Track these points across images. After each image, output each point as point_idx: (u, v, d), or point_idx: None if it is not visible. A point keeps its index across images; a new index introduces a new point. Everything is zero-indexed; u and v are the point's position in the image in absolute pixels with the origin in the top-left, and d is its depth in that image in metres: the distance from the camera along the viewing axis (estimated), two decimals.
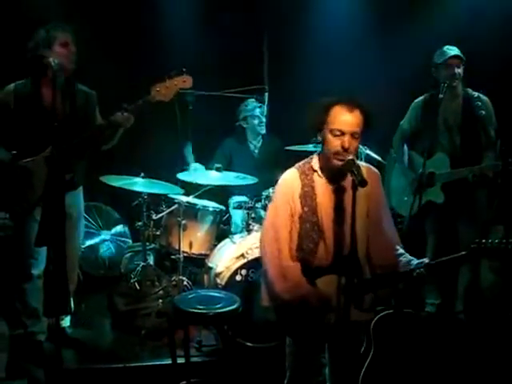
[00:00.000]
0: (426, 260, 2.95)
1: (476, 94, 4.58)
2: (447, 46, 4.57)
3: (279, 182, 3.08)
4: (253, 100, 5.32)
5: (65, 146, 3.57)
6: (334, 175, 2.99)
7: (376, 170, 3.16)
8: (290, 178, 3.04)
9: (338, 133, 2.87)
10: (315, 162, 3.04)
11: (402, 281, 3.05)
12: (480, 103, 4.52)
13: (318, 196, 2.98)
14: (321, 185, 3.00)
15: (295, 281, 2.93)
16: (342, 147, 2.86)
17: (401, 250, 3.08)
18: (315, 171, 3.02)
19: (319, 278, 2.96)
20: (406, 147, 4.82)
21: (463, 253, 2.91)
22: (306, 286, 2.93)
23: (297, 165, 3.10)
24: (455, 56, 4.50)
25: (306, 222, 2.97)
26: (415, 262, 2.98)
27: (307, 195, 2.98)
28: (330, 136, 2.89)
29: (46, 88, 3.86)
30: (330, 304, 2.90)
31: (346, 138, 2.86)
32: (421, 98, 4.75)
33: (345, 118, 2.87)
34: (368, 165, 3.17)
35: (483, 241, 2.86)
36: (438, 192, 4.56)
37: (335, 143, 2.88)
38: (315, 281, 2.96)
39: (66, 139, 3.63)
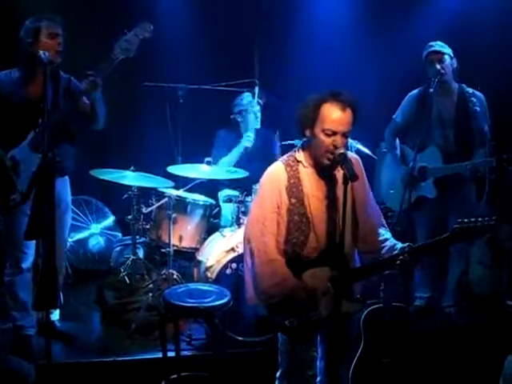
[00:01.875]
0: (410, 244, 2.96)
1: (471, 90, 4.57)
2: (431, 42, 4.53)
3: (264, 176, 3.07)
4: (248, 94, 5.29)
5: (44, 126, 3.52)
6: (322, 169, 2.99)
7: (356, 156, 3.15)
8: (275, 171, 3.03)
9: (330, 132, 2.86)
10: (299, 154, 3.03)
11: (387, 268, 3.06)
12: (475, 99, 4.51)
13: (305, 187, 2.98)
14: (307, 175, 3.00)
15: (282, 275, 2.92)
16: (334, 146, 2.86)
17: (386, 235, 3.09)
18: (299, 162, 3.01)
19: (307, 270, 2.96)
20: (398, 141, 4.80)
21: (446, 235, 2.92)
22: (292, 279, 2.93)
23: (281, 158, 3.09)
24: (434, 52, 4.47)
25: (295, 215, 2.97)
26: (399, 246, 2.99)
27: (294, 186, 2.97)
28: (321, 135, 2.88)
29: (34, 79, 3.83)
30: (318, 296, 2.90)
31: (338, 137, 2.86)
32: (415, 91, 4.71)
33: (337, 118, 2.85)
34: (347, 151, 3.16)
35: (465, 220, 2.86)
36: (430, 187, 4.55)
37: (327, 142, 2.87)
38: (302, 273, 2.95)
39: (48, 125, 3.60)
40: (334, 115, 2.85)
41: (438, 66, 4.42)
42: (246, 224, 3.21)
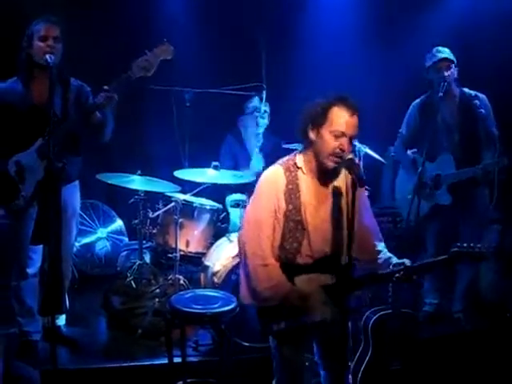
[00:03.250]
0: (406, 261, 2.94)
1: (473, 92, 4.54)
2: (437, 48, 4.51)
3: (262, 178, 3.03)
4: (257, 99, 5.28)
5: (54, 136, 3.52)
6: (323, 175, 2.96)
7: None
8: (274, 175, 2.98)
9: (338, 134, 2.84)
10: (299, 159, 2.99)
11: (382, 283, 3.05)
12: (478, 102, 4.48)
13: (303, 194, 2.95)
14: (305, 182, 2.96)
15: (277, 280, 2.89)
16: (341, 149, 2.84)
17: (380, 246, 3.06)
18: (299, 168, 2.97)
19: (300, 276, 2.93)
20: (409, 151, 4.75)
21: (444, 257, 2.92)
22: (286, 284, 2.90)
23: (280, 161, 3.04)
24: (444, 59, 4.44)
25: (290, 221, 2.94)
26: (394, 260, 2.97)
27: (292, 192, 2.94)
28: (328, 136, 2.85)
29: (38, 85, 3.82)
30: (311, 302, 2.86)
31: (346, 140, 2.85)
32: (417, 100, 4.70)
33: (347, 120, 2.84)
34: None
35: (464, 245, 2.86)
36: (445, 194, 4.50)
37: (334, 144, 2.85)
38: (296, 279, 2.93)
39: (58, 133, 3.59)
40: (343, 119, 2.84)
41: (448, 73, 4.40)
42: (241, 225, 3.17)
